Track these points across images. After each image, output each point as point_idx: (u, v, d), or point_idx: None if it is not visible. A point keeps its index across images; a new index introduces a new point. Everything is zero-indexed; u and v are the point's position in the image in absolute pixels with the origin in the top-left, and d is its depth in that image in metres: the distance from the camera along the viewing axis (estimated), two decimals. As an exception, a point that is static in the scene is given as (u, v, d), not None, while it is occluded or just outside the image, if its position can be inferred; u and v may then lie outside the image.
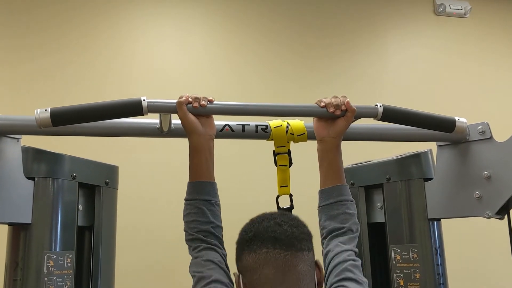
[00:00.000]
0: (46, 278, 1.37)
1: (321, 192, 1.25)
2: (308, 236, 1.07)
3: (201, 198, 1.18)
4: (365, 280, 1.09)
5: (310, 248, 1.05)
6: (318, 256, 1.14)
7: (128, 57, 2.76)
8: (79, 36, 2.73)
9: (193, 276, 1.12)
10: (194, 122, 1.21)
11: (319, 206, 1.25)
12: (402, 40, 3.19)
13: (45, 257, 1.38)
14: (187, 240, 1.18)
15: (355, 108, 1.26)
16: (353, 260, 1.12)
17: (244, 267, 1.03)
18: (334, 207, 1.21)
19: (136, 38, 2.80)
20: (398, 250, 1.60)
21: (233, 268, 1.12)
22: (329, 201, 1.22)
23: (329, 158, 1.26)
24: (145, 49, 2.80)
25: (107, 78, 2.71)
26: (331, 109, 1.25)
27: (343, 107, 1.25)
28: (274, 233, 1.01)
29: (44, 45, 2.68)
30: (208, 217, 1.18)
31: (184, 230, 1.19)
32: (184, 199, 1.21)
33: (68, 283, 1.42)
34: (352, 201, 1.24)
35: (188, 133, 1.22)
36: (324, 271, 1.13)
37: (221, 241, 1.19)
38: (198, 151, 1.21)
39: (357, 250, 1.17)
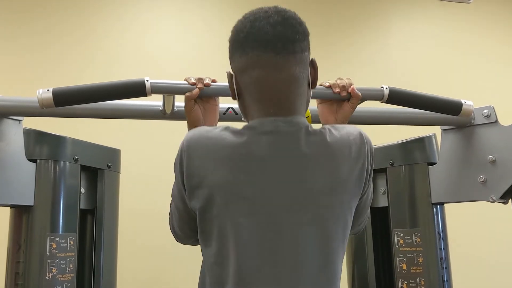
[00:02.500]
0: (49, 261, 1.37)
1: None
2: (304, 36, 0.98)
3: None
4: None
5: (305, 49, 0.98)
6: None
7: (129, 38, 2.74)
8: (80, 17, 2.70)
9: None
10: (198, 118, 1.19)
11: None
12: (406, 24, 3.17)
13: (48, 239, 1.38)
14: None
15: (360, 94, 1.24)
16: None
17: (236, 67, 1.00)
18: None
19: (136, 18, 2.78)
20: (401, 235, 1.60)
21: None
22: None
23: None
24: (146, 30, 2.77)
25: (109, 60, 2.69)
26: (337, 90, 1.23)
27: (349, 90, 1.24)
28: (266, 36, 0.94)
29: (46, 27, 2.65)
30: None
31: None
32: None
33: (71, 266, 1.42)
34: None
35: (189, 126, 1.20)
36: None
37: None
38: None
39: None
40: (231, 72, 1.02)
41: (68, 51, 2.66)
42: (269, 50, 0.94)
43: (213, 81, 1.22)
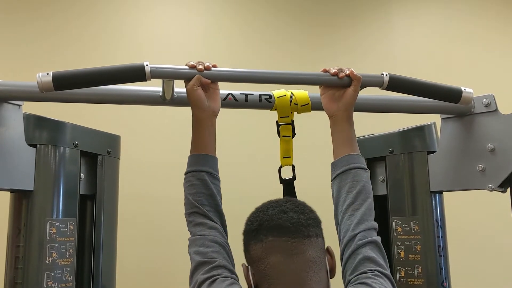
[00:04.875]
0: (48, 245, 1.38)
1: (332, 165, 1.22)
2: (315, 222, 1.03)
3: (204, 169, 1.15)
4: (386, 272, 1.04)
5: (319, 235, 1.02)
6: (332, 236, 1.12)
7: (128, 26, 2.73)
8: (81, 3, 2.69)
9: (192, 259, 1.07)
10: (200, 97, 1.19)
11: (331, 180, 1.22)
12: (408, 13, 3.15)
13: (48, 224, 1.39)
14: (190, 214, 1.13)
15: (361, 76, 1.24)
16: (366, 244, 1.06)
17: (251, 257, 1.01)
18: (343, 177, 1.17)
19: (134, 8, 2.77)
20: (400, 222, 1.61)
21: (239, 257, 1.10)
22: (339, 171, 1.18)
23: (339, 130, 1.22)
24: (148, 14, 2.76)
25: (107, 46, 2.68)
26: (333, 71, 1.24)
27: (347, 73, 1.23)
28: (279, 221, 0.98)
29: (48, 13, 2.64)
30: (212, 189, 1.15)
31: (185, 203, 1.15)
32: (185, 173, 1.18)
33: (71, 250, 1.43)
34: (362, 168, 1.18)
35: (192, 107, 1.20)
36: (340, 249, 1.10)
37: (223, 220, 1.16)
38: (200, 124, 1.18)
39: (373, 224, 1.12)
40: (246, 265, 1.03)
41: (70, 37, 2.65)
42: (284, 235, 0.96)
43: (214, 66, 1.22)
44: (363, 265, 1.03)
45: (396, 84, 1.28)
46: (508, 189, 1.49)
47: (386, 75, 1.28)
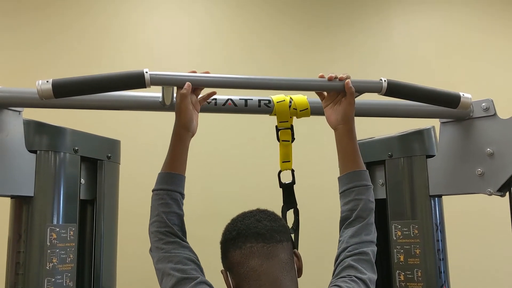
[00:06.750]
0: (49, 251, 1.38)
1: (338, 180, 1.29)
2: (285, 228, 1.15)
3: (178, 190, 1.20)
4: (363, 276, 1.13)
5: (288, 239, 1.13)
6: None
7: (128, 26, 2.73)
8: (81, 8, 2.70)
9: (168, 274, 1.10)
10: (192, 118, 1.21)
11: (339, 193, 1.29)
12: (408, 17, 3.15)
13: (48, 229, 1.39)
14: (161, 232, 1.15)
15: (353, 88, 1.25)
16: (354, 255, 1.16)
17: (231, 263, 1.09)
18: (347, 194, 1.25)
19: (136, 5, 2.77)
20: (399, 226, 1.61)
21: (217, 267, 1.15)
22: (342, 188, 1.27)
23: (343, 145, 1.27)
24: (146, 17, 2.77)
25: (107, 47, 2.68)
26: (329, 75, 1.26)
27: (341, 76, 1.26)
28: (255, 229, 1.09)
29: (48, 18, 2.65)
30: (182, 210, 1.20)
31: (157, 221, 1.16)
32: (157, 189, 1.20)
33: (71, 256, 1.43)
34: (365, 185, 1.25)
35: (180, 125, 1.21)
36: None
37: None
38: (181, 142, 1.21)
39: (368, 238, 1.20)
40: (225, 271, 1.12)
41: (70, 43, 2.65)
42: (260, 241, 1.07)
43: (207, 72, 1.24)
44: (344, 271, 1.14)
45: (394, 90, 1.29)
46: (507, 193, 1.50)
47: (385, 81, 1.29)
